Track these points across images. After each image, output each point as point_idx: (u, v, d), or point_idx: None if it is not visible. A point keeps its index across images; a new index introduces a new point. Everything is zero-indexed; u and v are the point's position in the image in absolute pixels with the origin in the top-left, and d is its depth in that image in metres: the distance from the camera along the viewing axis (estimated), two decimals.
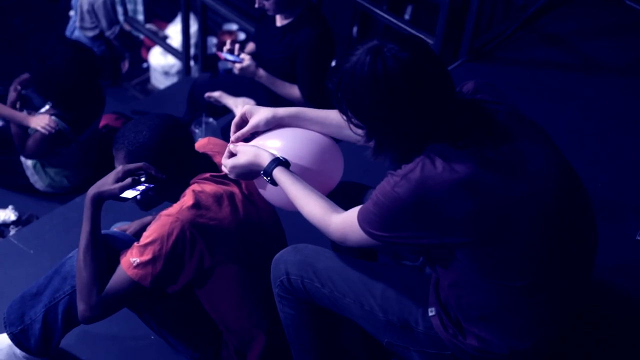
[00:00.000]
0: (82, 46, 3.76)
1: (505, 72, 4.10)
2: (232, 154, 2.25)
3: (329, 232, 2.10)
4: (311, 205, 2.11)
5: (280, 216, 2.57)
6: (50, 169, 3.94)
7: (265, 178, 2.17)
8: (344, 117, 1.96)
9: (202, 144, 2.50)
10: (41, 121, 3.68)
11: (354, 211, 2.03)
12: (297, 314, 2.29)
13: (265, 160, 2.17)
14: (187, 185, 2.29)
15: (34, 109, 3.93)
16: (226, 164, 2.23)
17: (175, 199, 2.31)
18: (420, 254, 2.09)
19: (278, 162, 2.16)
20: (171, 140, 2.26)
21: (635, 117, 3.74)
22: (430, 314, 2.10)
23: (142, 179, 2.24)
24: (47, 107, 3.83)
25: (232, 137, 2.31)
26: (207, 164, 2.38)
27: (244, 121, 2.33)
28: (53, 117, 3.69)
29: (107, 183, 2.24)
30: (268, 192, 2.28)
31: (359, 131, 1.96)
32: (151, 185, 2.25)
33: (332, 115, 2.31)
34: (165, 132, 2.26)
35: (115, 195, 2.23)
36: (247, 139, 2.32)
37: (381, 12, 4.33)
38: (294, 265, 2.22)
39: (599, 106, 3.82)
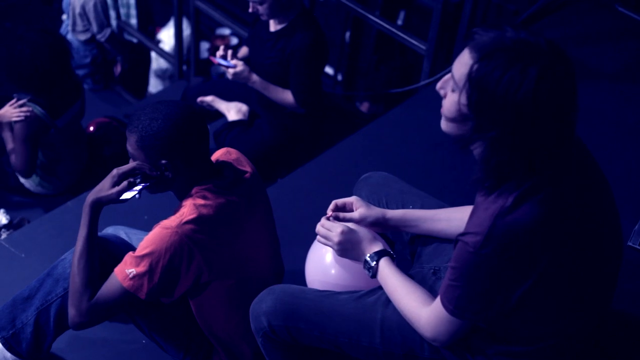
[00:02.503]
0: (50, 31, 3.70)
1: None
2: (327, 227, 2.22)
3: (422, 333, 2.00)
4: (406, 302, 2.03)
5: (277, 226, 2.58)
6: (39, 169, 3.92)
7: (369, 262, 2.14)
8: (454, 96, 1.79)
9: (221, 153, 2.46)
10: (13, 111, 3.60)
11: (437, 304, 1.92)
12: (287, 355, 2.26)
13: (376, 247, 2.15)
14: (192, 185, 2.27)
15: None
16: (332, 227, 2.19)
17: (178, 192, 2.31)
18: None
19: (386, 253, 2.14)
20: (185, 133, 2.21)
21: (627, 122, 3.75)
22: None
23: (138, 180, 2.23)
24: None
25: (332, 213, 2.28)
26: (215, 170, 2.34)
27: (345, 205, 2.30)
28: (26, 102, 3.62)
29: (104, 189, 2.24)
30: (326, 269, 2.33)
31: (454, 113, 1.80)
32: (147, 184, 2.24)
33: (440, 213, 2.29)
34: (180, 124, 2.20)
35: (114, 200, 2.23)
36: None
37: (374, 17, 4.33)
38: (275, 315, 2.17)
39: (590, 112, 3.82)
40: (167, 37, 5.95)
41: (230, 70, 3.65)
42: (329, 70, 5.88)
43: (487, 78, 1.69)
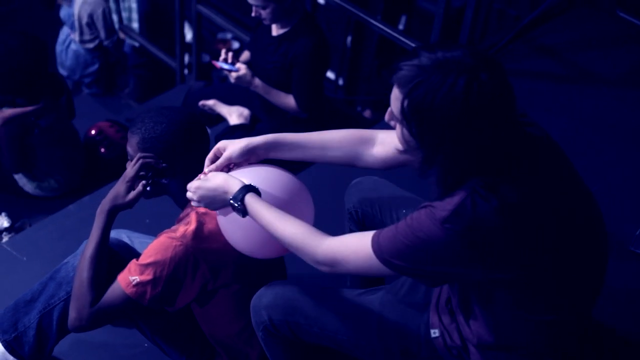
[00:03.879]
0: (26, 33, 3.67)
1: None
2: None
3: (315, 254, 1.94)
4: (293, 227, 1.97)
5: None
6: (34, 170, 3.90)
7: (234, 204, 2.03)
8: (399, 129, 1.83)
9: None
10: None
11: (362, 236, 1.91)
12: (287, 350, 2.26)
13: (236, 186, 2.04)
14: None
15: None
16: (190, 186, 2.13)
17: (177, 199, 2.32)
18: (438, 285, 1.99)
19: (250, 188, 2.04)
20: (188, 139, 2.23)
21: (628, 127, 3.75)
22: (433, 335, 2.08)
23: (150, 174, 2.23)
24: None
25: (206, 169, 2.18)
26: None
27: (216, 157, 2.20)
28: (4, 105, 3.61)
29: (120, 195, 2.24)
30: (229, 228, 2.17)
31: (404, 145, 1.85)
32: (161, 177, 2.24)
33: (314, 137, 2.23)
34: (183, 130, 2.22)
35: (131, 205, 2.25)
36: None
37: (375, 22, 4.34)
38: (276, 310, 2.17)
39: (591, 117, 3.83)
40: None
41: (233, 74, 3.65)
42: (330, 74, 5.89)
43: (419, 108, 1.73)
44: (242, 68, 3.64)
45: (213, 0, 5.84)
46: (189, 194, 2.14)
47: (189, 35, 5.51)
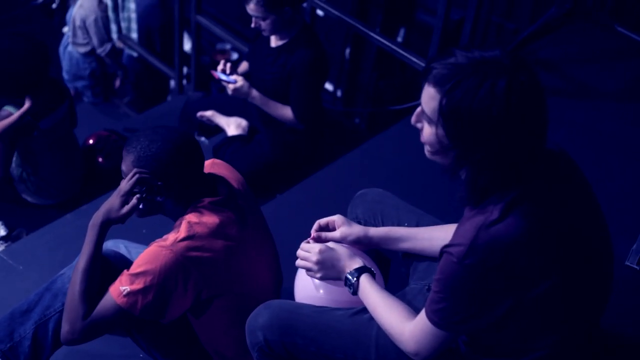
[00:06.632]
0: (27, 35, 3.66)
1: None
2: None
3: (402, 344, 1.99)
4: (388, 318, 2.03)
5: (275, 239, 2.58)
6: (33, 175, 3.89)
7: (350, 279, 2.13)
8: (431, 129, 1.82)
9: (207, 165, 2.47)
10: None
11: (420, 319, 1.93)
12: None
13: (356, 264, 2.15)
14: (187, 207, 2.28)
15: None
16: (309, 248, 2.20)
17: (171, 215, 2.32)
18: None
19: (367, 270, 2.14)
20: (182, 159, 2.24)
21: (626, 142, 3.76)
22: None
23: (143, 189, 2.24)
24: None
25: (315, 233, 2.31)
26: (209, 189, 2.35)
27: (328, 225, 2.34)
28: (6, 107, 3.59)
29: (113, 209, 2.26)
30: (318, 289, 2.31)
31: (435, 146, 1.84)
32: (145, 193, 2.25)
33: (422, 231, 2.31)
34: (178, 149, 2.23)
35: (124, 220, 2.26)
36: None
37: (374, 34, 4.35)
38: (271, 330, 2.17)
39: (589, 131, 3.84)
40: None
41: (230, 86, 3.65)
42: (328, 86, 5.89)
43: (458, 106, 1.73)
44: (239, 80, 3.64)
45: (212, 11, 5.86)
46: (302, 253, 2.21)
47: (187, 45, 5.52)
